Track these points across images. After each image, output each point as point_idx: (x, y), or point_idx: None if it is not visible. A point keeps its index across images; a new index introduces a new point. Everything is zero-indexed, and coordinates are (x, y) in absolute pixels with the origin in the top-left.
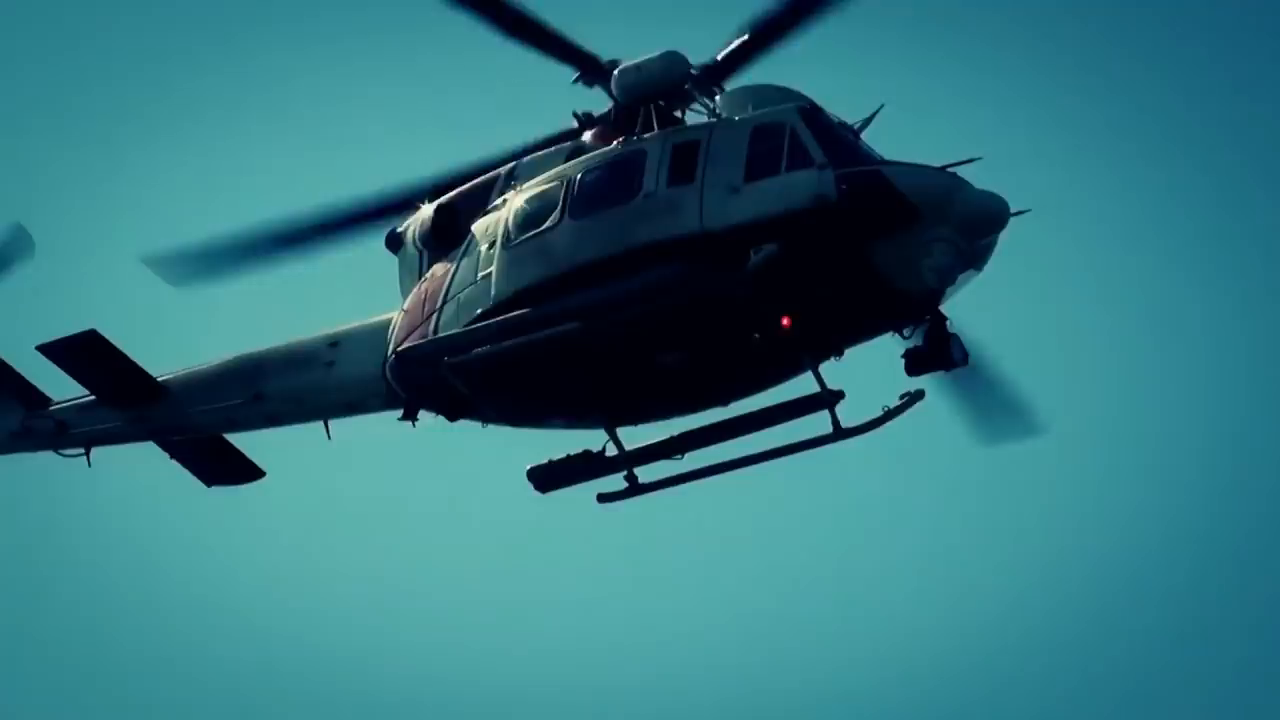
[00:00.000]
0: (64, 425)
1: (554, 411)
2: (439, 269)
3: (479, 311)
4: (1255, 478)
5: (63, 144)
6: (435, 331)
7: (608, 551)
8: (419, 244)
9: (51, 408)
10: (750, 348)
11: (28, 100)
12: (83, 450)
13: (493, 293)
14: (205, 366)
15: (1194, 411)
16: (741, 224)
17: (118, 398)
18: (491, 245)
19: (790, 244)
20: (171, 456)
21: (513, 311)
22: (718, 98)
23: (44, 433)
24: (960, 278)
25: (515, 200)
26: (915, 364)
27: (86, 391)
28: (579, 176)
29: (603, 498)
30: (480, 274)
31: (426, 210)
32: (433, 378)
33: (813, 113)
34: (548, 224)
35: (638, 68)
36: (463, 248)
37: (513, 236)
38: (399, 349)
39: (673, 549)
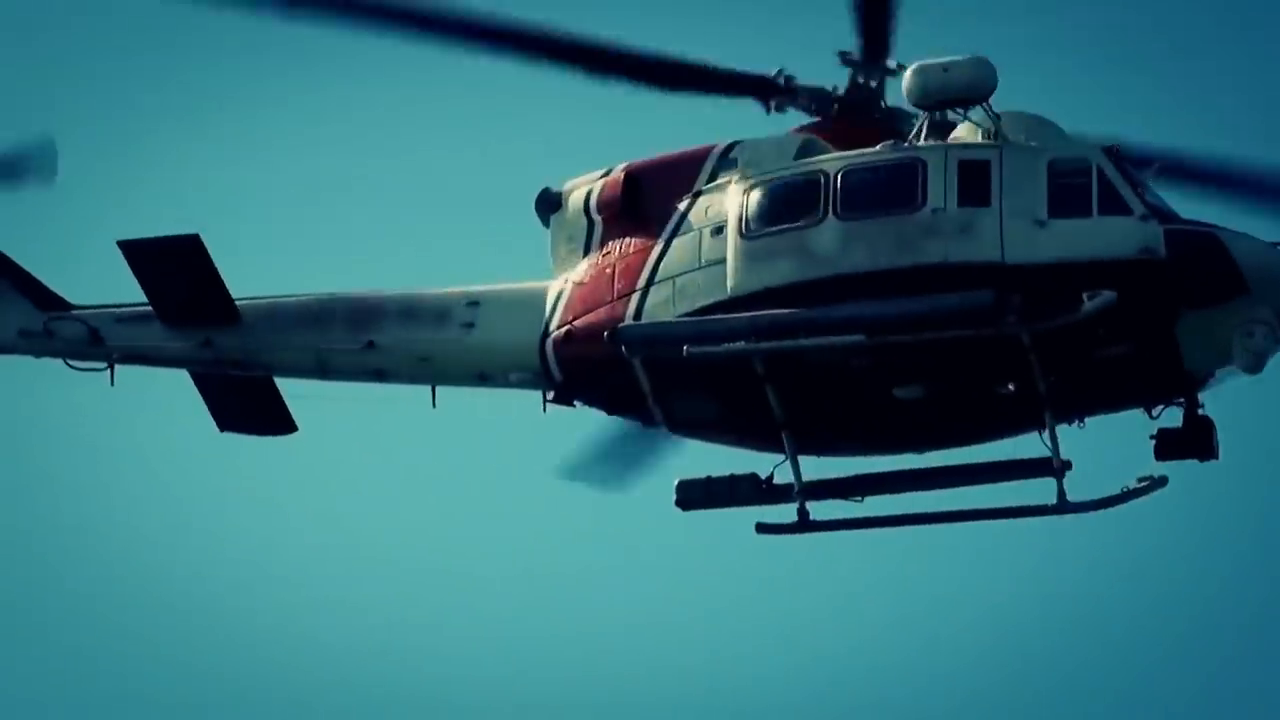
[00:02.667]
0: (97, 334)
1: (748, 429)
2: (628, 244)
3: (708, 302)
4: None
5: None
6: (638, 314)
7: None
8: (595, 211)
9: (77, 312)
10: (999, 395)
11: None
12: (105, 365)
13: (730, 285)
14: (291, 299)
15: None
16: (1051, 263)
17: (184, 316)
18: (717, 231)
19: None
20: (198, 387)
21: (757, 309)
22: (1001, 117)
23: (71, 338)
24: None
25: (748, 186)
26: (1169, 448)
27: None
28: (840, 173)
29: (763, 528)
30: (705, 260)
31: (615, 175)
32: (617, 363)
33: (1116, 155)
34: (806, 220)
35: (944, 69)
36: (670, 226)
37: (753, 226)
38: (579, 325)
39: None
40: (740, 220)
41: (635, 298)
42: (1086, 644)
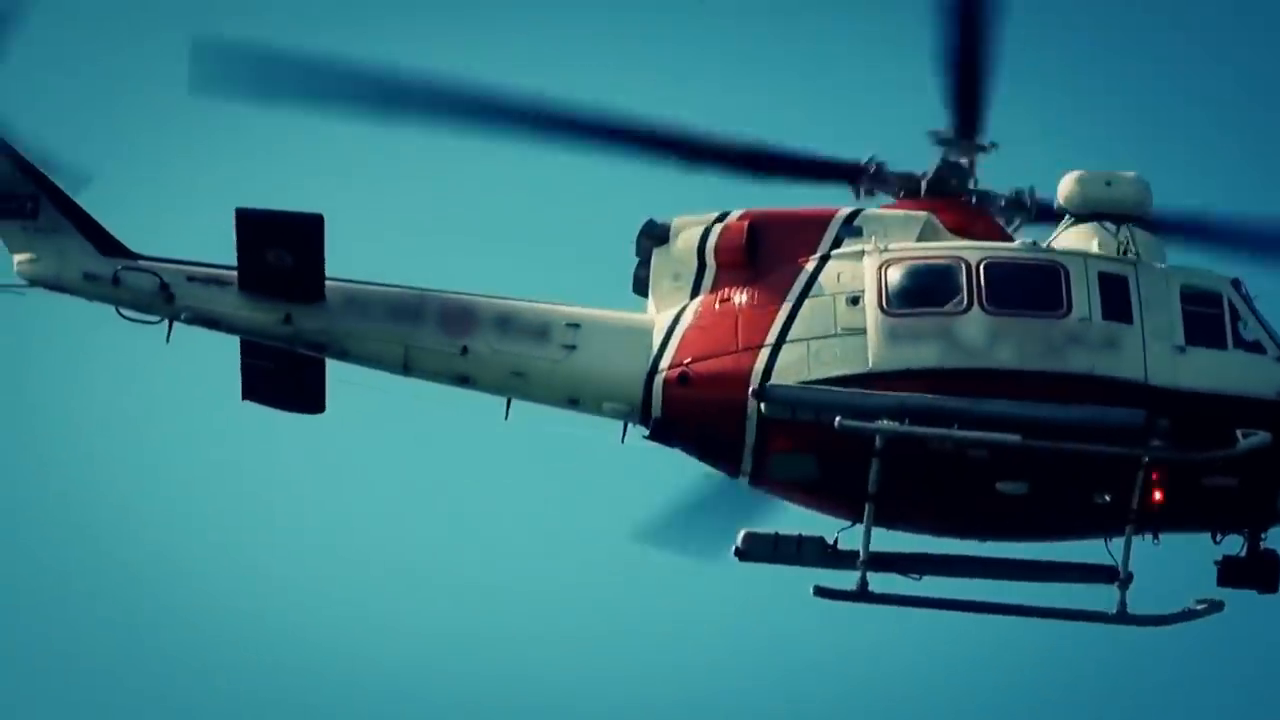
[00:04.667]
0: (168, 290)
1: (834, 495)
2: (751, 294)
3: (847, 373)
4: None
5: None
6: (767, 370)
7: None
8: (712, 254)
9: (147, 263)
10: (1094, 502)
11: None
12: (158, 319)
13: (870, 359)
14: (377, 286)
15: None
16: (1192, 391)
17: (268, 288)
18: (853, 301)
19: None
20: (244, 353)
21: (898, 387)
22: (1132, 235)
23: (141, 289)
24: None
25: (884, 262)
26: (1232, 575)
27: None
28: (982, 264)
29: (822, 592)
30: (841, 328)
31: (738, 223)
32: (732, 412)
33: (1241, 288)
34: (952, 306)
35: (1107, 182)
36: (799, 286)
37: (894, 304)
38: (699, 370)
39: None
40: (880, 295)
41: (764, 353)
42: None
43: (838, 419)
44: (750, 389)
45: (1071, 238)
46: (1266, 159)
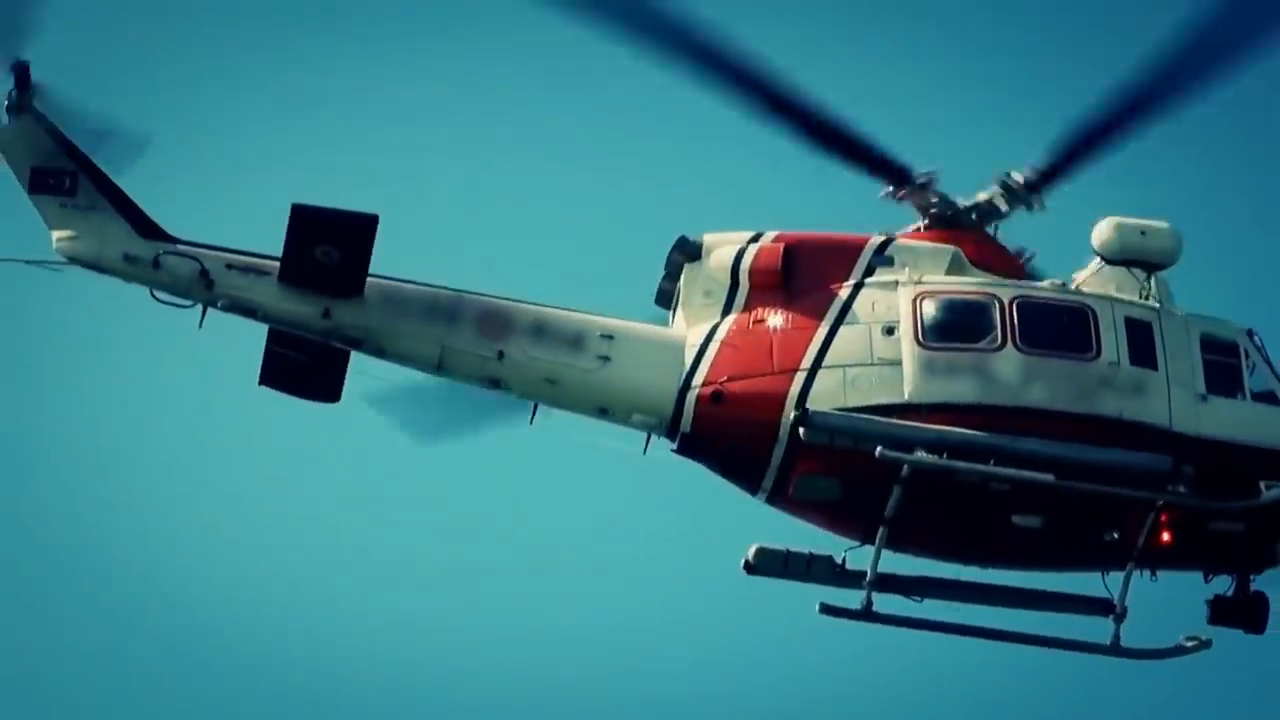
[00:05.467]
0: (208, 276)
1: (850, 518)
2: (785, 317)
3: (883, 402)
4: None
5: None
6: (802, 394)
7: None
8: (746, 274)
9: (186, 247)
10: (1102, 539)
11: None
12: (191, 304)
13: (907, 390)
14: (416, 286)
15: None
16: (1214, 440)
17: (309, 282)
18: (889, 331)
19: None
20: (272, 340)
21: (934, 418)
22: (1154, 282)
23: (180, 274)
24: None
25: (919, 294)
26: (1221, 615)
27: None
28: (1015, 303)
29: (827, 609)
30: (877, 358)
31: (772, 246)
32: (765, 432)
33: (1255, 338)
34: (986, 343)
35: (1142, 232)
36: (834, 312)
37: (929, 337)
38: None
39: None
40: (915, 327)
41: (799, 377)
42: None
43: (879, 449)
44: (785, 412)
45: (1096, 281)
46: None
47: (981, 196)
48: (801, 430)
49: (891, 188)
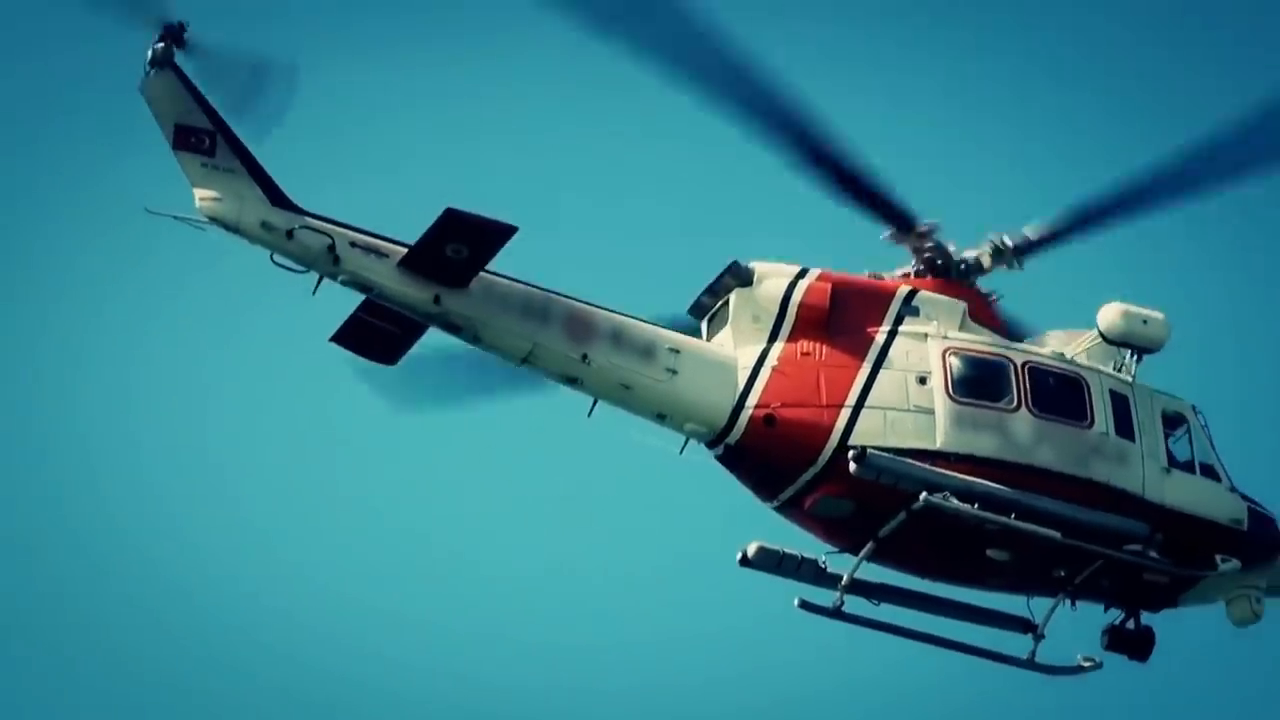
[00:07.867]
0: (334, 251)
1: (848, 533)
2: (830, 354)
3: (918, 447)
4: None
5: None
6: (847, 429)
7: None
8: (796, 307)
9: (318, 223)
10: (1052, 574)
11: None
12: (305, 270)
13: (939, 439)
14: (513, 282)
15: None
16: (1173, 510)
17: (427, 269)
18: (922, 380)
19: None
20: (364, 309)
21: (960, 467)
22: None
23: (310, 247)
24: None
25: (947, 349)
26: (1118, 643)
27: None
28: (1025, 368)
29: (805, 605)
30: (913, 404)
31: (819, 284)
32: (804, 454)
33: (1199, 415)
34: (1005, 403)
35: (1144, 321)
36: (873, 355)
37: (958, 392)
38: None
39: None
40: (945, 381)
41: (845, 413)
42: None
43: (923, 495)
44: (829, 442)
45: (1085, 355)
46: None
47: (970, 253)
48: (853, 466)
49: (894, 231)
